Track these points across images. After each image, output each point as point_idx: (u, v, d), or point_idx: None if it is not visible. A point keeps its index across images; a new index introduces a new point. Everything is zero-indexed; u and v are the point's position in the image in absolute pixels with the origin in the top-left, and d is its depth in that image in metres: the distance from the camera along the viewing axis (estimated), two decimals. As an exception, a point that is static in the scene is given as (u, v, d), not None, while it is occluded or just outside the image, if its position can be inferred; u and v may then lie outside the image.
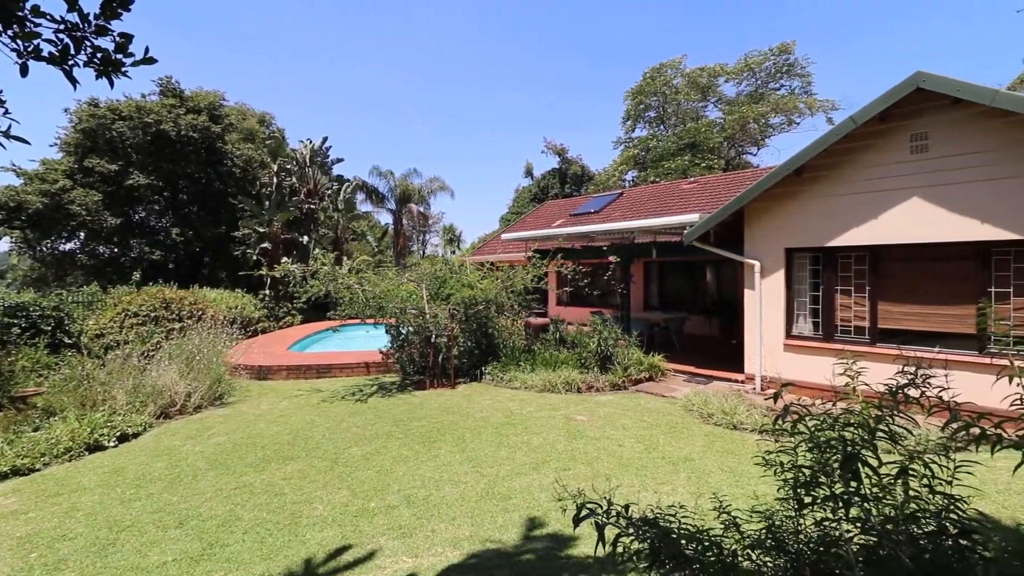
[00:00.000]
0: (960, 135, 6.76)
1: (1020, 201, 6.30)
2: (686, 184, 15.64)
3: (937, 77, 6.62)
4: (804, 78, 27.79)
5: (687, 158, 25.16)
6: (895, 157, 7.29)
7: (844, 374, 2.58)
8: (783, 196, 8.30)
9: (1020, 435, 1.90)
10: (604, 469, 5.26)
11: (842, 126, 7.53)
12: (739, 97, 29.08)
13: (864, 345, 7.35)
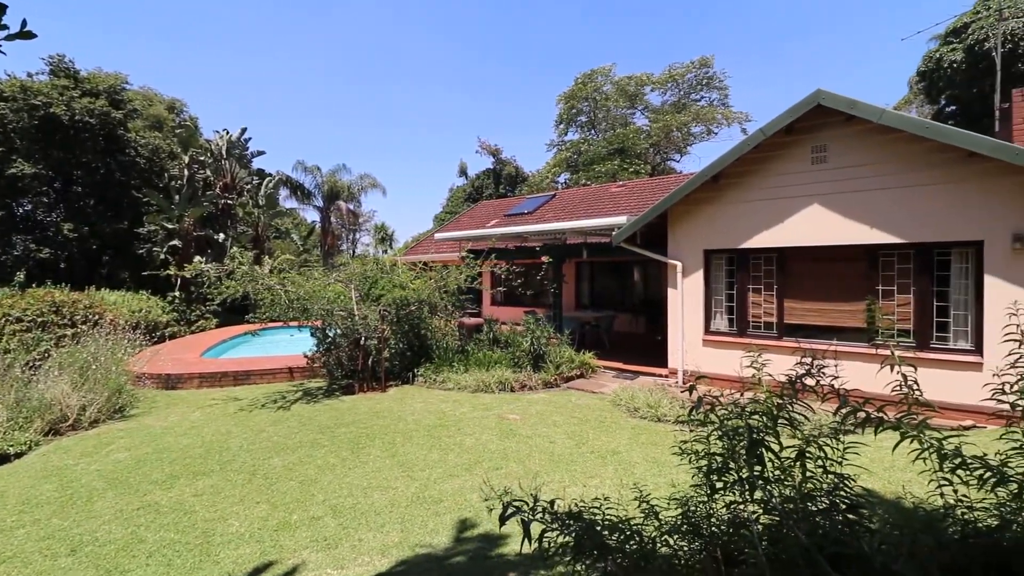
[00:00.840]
0: (853, 148, 7.50)
1: (902, 209, 7.09)
2: (615, 187, 16.23)
3: (834, 95, 7.31)
4: (722, 91, 29.81)
5: (616, 162, 26.15)
6: (798, 167, 7.96)
7: (751, 366, 2.77)
8: (702, 201, 8.81)
9: (898, 417, 2.13)
10: (536, 466, 5.32)
11: (753, 137, 8.11)
12: (664, 106, 30.66)
13: (772, 339, 7.97)
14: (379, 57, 74.89)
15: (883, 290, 7.28)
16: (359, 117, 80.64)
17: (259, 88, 74.46)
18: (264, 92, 74.80)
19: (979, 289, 6.64)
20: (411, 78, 76.09)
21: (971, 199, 6.68)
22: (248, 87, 73.87)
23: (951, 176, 6.80)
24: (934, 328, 6.93)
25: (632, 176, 24.85)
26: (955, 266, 6.90)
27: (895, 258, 7.25)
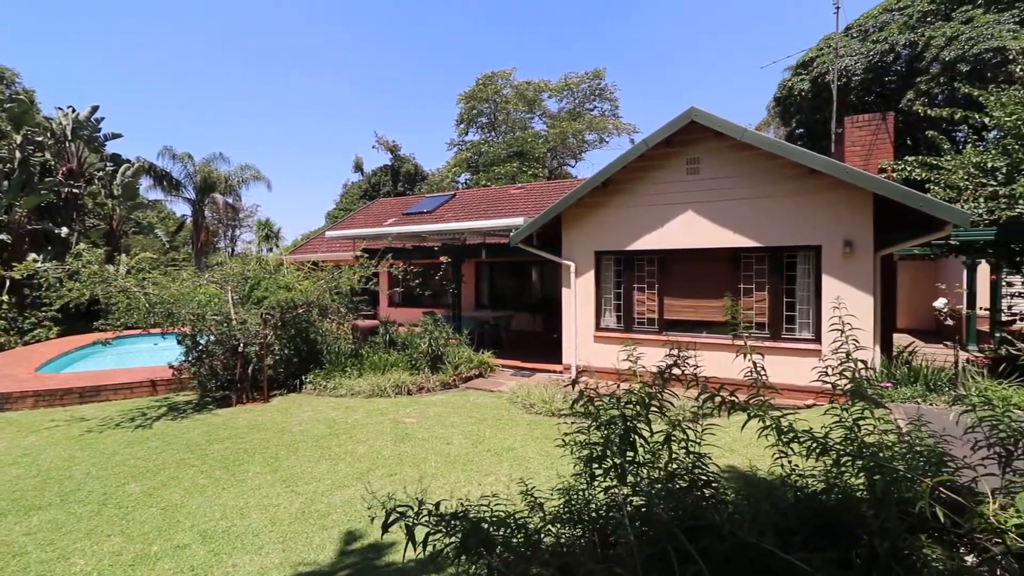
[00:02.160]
0: (721, 161, 8.36)
1: (760, 216, 8.03)
2: (514, 189, 16.57)
3: (705, 113, 8.09)
4: (612, 102, 31.79)
5: (515, 165, 26.76)
6: (676, 176, 8.70)
7: (627, 359, 2.97)
8: (593, 205, 9.29)
9: (748, 399, 2.39)
10: (432, 469, 5.24)
11: (637, 148, 8.73)
12: (560, 113, 31.98)
13: (654, 334, 8.64)
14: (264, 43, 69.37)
15: (744, 288, 8.21)
16: (241, 105, 74.01)
17: (120, 63, 65.31)
18: (125, 68, 65.76)
19: (818, 286, 7.73)
20: (302, 68, 71.47)
21: (813, 209, 7.76)
22: (109, 64, 64.46)
23: (798, 189, 7.85)
24: (783, 321, 7.95)
25: (531, 179, 25.60)
26: (800, 267, 7.98)
27: (753, 260, 8.21)
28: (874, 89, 22.61)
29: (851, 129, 11.04)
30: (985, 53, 18.16)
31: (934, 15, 21.27)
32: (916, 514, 1.71)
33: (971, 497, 1.83)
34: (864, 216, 7.49)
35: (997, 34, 18.18)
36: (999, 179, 7.63)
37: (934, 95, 19.55)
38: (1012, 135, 7.77)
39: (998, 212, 7.27)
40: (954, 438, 2.23)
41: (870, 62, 22.17)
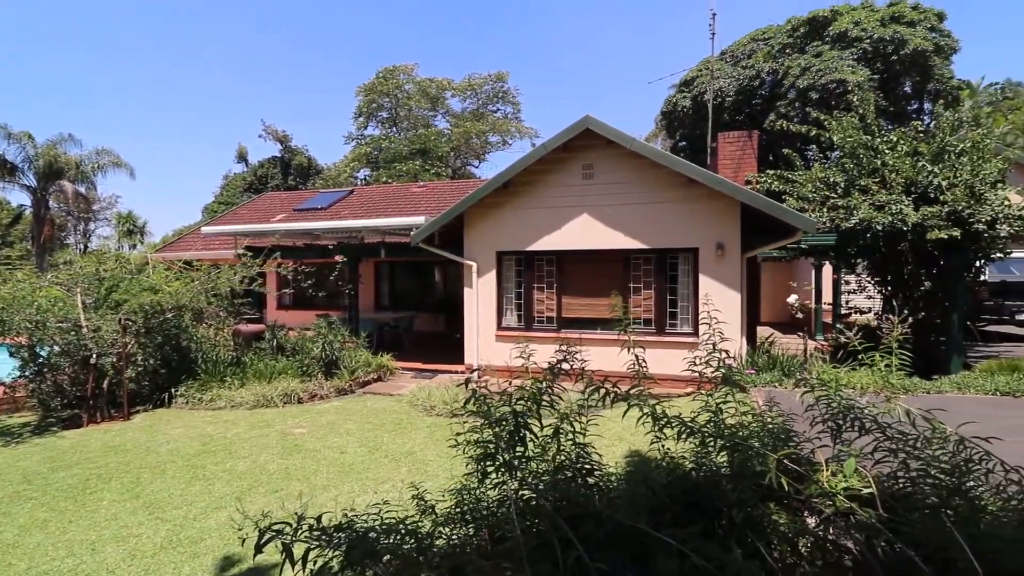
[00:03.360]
0: (613, 168, 8.85)
1: (647, 220, 8.62)
2: (416, 187, 16.24)
3: (598, 122, 8.52)
4: (515, 105, 32.43)
5: (418, 163, 26.26)
6: (573, 180, 9.07)
7: (520, 356, 3.01)
8: (495, 206, 9.38)
9: (629, 390, 2.53)
10: (323, 481, 4.94)
11: (537, 151, 8.97)
12: (464, 113, 31.96)
13: (552, 332, 8.93)
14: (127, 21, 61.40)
15: (633, 287, 8.78)
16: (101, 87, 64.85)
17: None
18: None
19: (696, 285, 8.48)
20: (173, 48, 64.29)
21: (692, 215, 8.49)
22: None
23: (680, 196, 8.54)
24: (667, 317, 8.62)
25: (433, 178, 25.27)
26: (681, 267, 8.69)
27: (642, 261, 8.80)
28: (744, 109, 25.42)
29: (723, 144, 12.30)
30: (830, 83, 21.21)
31: (791, 48, 24.41)
32: (766, 485, 1.91)
33: (810, 467, 2.08)
34: (733, 222, 8.35)
35: (839, 68, 21.32)
36: (839, 192, 8.92)
37: (791, 117, 22.37)
38: (848, 155, 9.13)
39: (838, 221, 8.49)
40: (798, 416, 2.54)
41: (740, 85, 24.88)
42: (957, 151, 8.10)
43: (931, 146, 8.31)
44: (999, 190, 7.97)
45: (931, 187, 7.88)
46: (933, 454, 2.25)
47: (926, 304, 8.75)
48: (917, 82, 22.84)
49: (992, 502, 2.19)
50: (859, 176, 8.66)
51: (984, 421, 5.80)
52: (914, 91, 23.39)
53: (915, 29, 22.02)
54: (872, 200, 8.09)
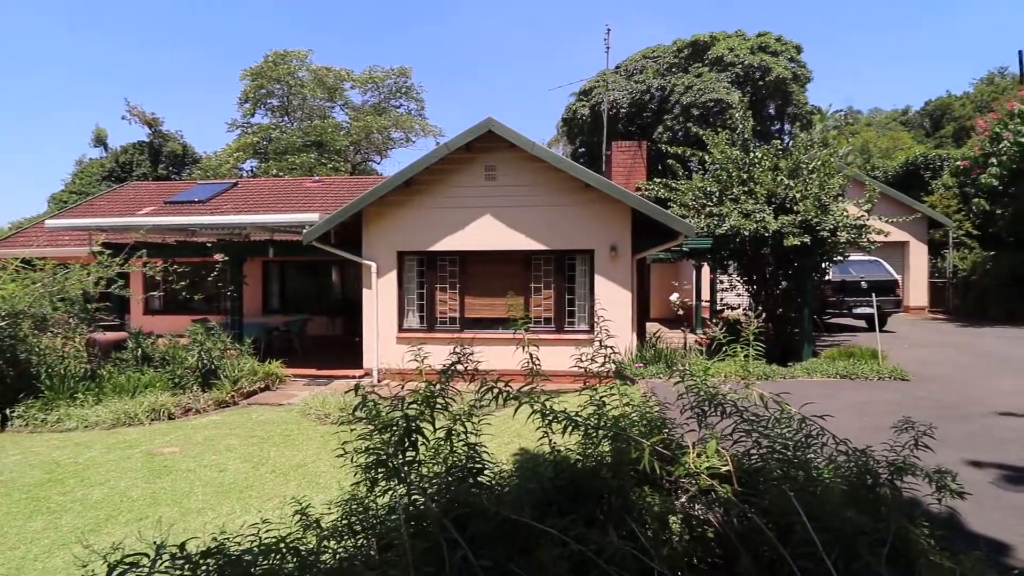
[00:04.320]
0: (515, 171, 9.02)
1: (547, 222, 8.89)
2: (311, 182, 15.32)
3: (500, 125, 8.63)
4: (419, 103, 31.82)
5: (313, 156, 24.76)
6: (476, 181, 9.10)
7: (415, 360, 2.96)
8: (396, 204, 9.13)
9: (522, 387, 2.59)
10: (198, 503, 4.47)
11: (439, 150, 8.88)
12: (364, 106, 30.68)
13: (455, 332, 8.88)
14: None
15: (534, 287, 9.03)
16: (-95, 38, 53.67)
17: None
18: None
19: (592, 285, 8.91)
20: (14, 3, 54.90)
21: (588, 218, 8.91)
22: None
23: (577, 200, 8.92)
24: (566, 315, 8.97)
25: (331, 172, 23.96)
26: (579, 268, 9.10)
27: (542, 261, 9.07)
28: (636, 120, 27.25)
29: (616, 153, 13.10)
30: (709, 102, 23.44)
31: (677, 67, 26.62)
32: (642, 470, 2.05)
33: (679, 450, 2.27)
34: (625, 226, 8.91)
35: (717, 89, 23.63)
36: (714, 201, 9.88)
37: (676, 130, 24.42)
38: (721, 168, 10.13)
39: (712, 226, 9.39)
40: (673, 405, 2.77)
41: (633, 98, 26.65)
42: (809, 168, 9.34)
43: (788, 163, 9.49)
44: (840, 202, 9.32)
45: (788, 199, 9.01)
46: (781, 432, 2.56)
47: (784, 300, 9.98)
48: (779, 106, 26.07)
49: (826, 470, 2.55)
50: (730, 187, 9.65)
51: (827, 400, 6.75)
52: (777, 113, 26.66)
53: (778, 59, 25.10)
54: (741, 209, 9.07)
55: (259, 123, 28.45)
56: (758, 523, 1.91)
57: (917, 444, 2.47)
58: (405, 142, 31.19)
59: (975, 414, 5.88)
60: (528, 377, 3.02)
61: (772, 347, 9.67)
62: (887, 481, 2.31)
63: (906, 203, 17.11)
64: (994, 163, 14.71)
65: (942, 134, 39.20)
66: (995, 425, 5.47)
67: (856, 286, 12.47)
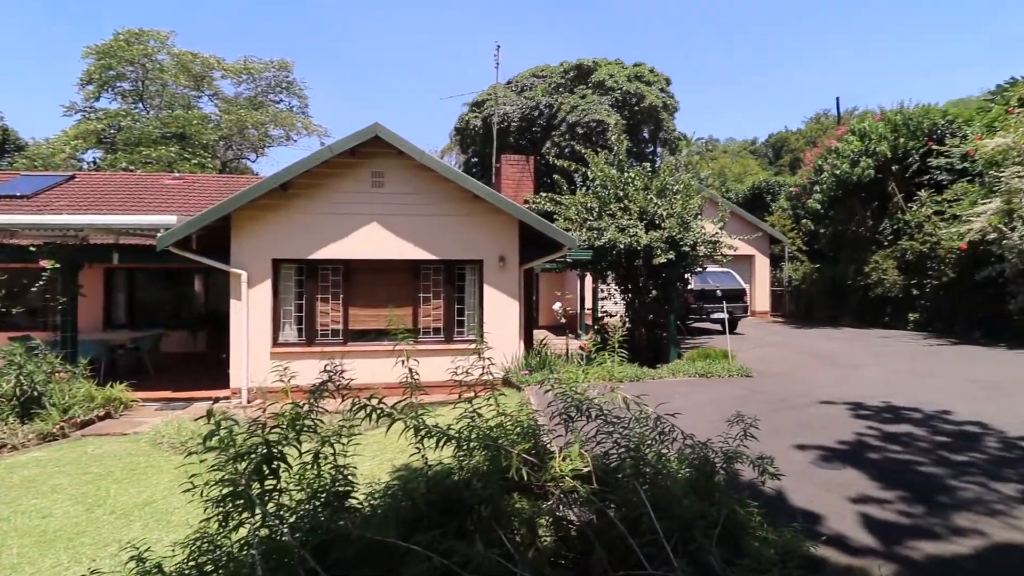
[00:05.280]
0: (404, 178, 8.86)
1: (436, 232, 8.85)
2: (170, 179, 13.64)
3: (388, 131, 8.43)
4: (302, 99, 29.88)
5: (174, 149, 22.05)
6: (362, 187, 8.78)
7: (280, 379, 2.77)
8: (271, 208, 8.48)
9: (398, 401, 2.54)
10: (10, 559, 3.74)
11: (320, 153, 8.44)
12: (238, 98, 28.08)
13: (339, 345, 8.46)
14: None
15: (423, 297, 8.92)
16: None
17: None
18: None
19: (481, 295, 9.03)
20: None
21: (477, 228, 9.02)
22: None
23: (467, 210, 8.99)
24: (455, 325, 8.98)
25: (196, 169, 21.50)
26: (468, 278, 9.17)
27: (431, 271, 9.00)
28: (526, 135, 28.25)
29: (506, 166, 13.47)
30: (592, 122, 25.04)
31: (564, 87, 28.12)
32: (511, 478, 2.12)
33: (548, 455, 2.39)
34: (513, 237, 9.18)
35: (599, 110, 25.35)
36: (594, 215, 10.56)
37: (563, 146, 25.71)
38: (601, 185, 10.87)
39: (592, 239, 10.03)
40: (545, 411, 2.90)
41: (523, 113, 27.61)
42: (674, 190, 10.38)
43: (657, 183, 10.47)
44: (699, 220, 10.47)
45: (656, 216, 9.93)
46: (638, 431, 2.81)
47: (655, 308, 10.95)
48: (652, 130, 28.68)
49: (675, 462, 2.84)
50: (608, 203, 10.40)
51: (686, 397, 7.47)
52: (651, 137, 29.29)
53: (651, 88, 27.64)
54: (617, 224, 9.81)
55: (105, 108, 24.56)
56: (611, 518, 2.08)
57: (746, 435, 2.85)
58: (285, 140, 29.06)
59: (802, 404, 6.92)
60: (406, 391, 2.99)
61: (646, 350, 10.57)
62: (722, 469, 2.64)
63: (752, 222, 19.77)
64: (818, 190, 17.59)
65: (781, 163, 45.96)
66: (817, 413, 6.48)
67: (713, 294, 14.09)
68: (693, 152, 40.97)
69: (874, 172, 15.89)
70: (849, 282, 16.80)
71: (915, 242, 14.80)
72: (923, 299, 14.63)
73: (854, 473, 4.46)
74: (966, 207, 12.82)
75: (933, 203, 14.63)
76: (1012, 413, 6.05)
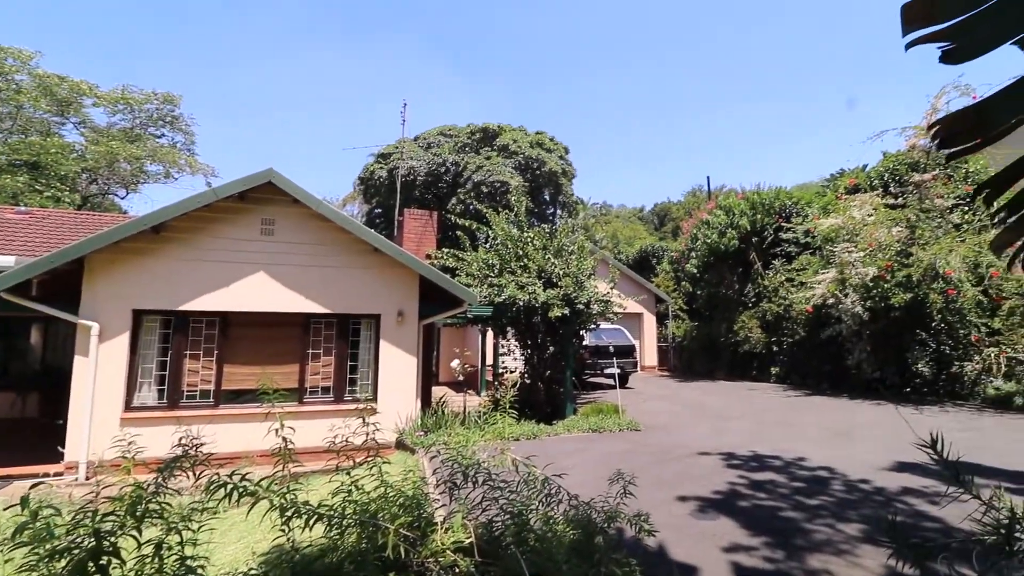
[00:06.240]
0: (298, 227, 8.47)
1: (331, 284, 8.47)
2: (11, 213, 11.78)
3: (283, 178, 8.10)
4: (188, 136, 27.87)
5: (23, 179, 19.21)
6: (250, 235, 8.24)
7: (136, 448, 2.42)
8: (138, 252, 7.62)
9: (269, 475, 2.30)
10: None
11: (204, 196, 7.85)
12: (111, 129, 25.47)
13: (209, 408, 7.56)
14: None
15: (312, 353, 8.37)
16: None
17: None
18: None
19: (378, 351, 8.69)
20: None
21: (375, 282, 8.80)
22: None
23: (365, 263, 8.77)
24: (347, 383, 8.48)
25: (49, 203, 18.79)
26: (363, 332, 8.81)
27: (323, 326, 8.53)
28: (432, 189, 28.71)
29: (409, 220, 13.48)
30: (497, 182, 26.13)
31: (470, 147, 29.29)
32: (387, 556, 1.99)
33: (430, 527, 2.28)
34: (413, 291, 9.07)
35: (503, 172, 26.59)
36: (495, 272, 10.82)
37: (468, 204, 26.40)
38: (502, 243, 11.25)
39: (493, 296, 10.23)
40: (430, 477, 2.80)
41: (431, 168, 28.15)
42: (570, 250, 11.02)
43: (555, 244, 11.07)
44: (592, 280, 11.15)
45: (554, 275, 10.42)
46: (527, 494, 2.80)
47: (552, 363, 11.26)
48: (552, 193, 30.59)
49: (561, 524, 2.84)
50: (509, 261, 10.76)
51: (579, 453, 7.62)
52: (551, 199, 31.17)
53: (551, 155, 29.73)
54: (517, 281, 10.13)
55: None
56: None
57: (626, 492, 2.95)
58: (165, 177, 26.62)
59: (683, 455, 7.37)
60: (280, 461, 2.75)
61: (544, 405, 10.74)
62: (601, 529, 2.69)
63: (640, 282, 21.48)
64: (694, 256, 19.69)
65: (665, 229, 50.96)
66: (696, 464, 6.93)
67: (606, 350, 14.85)
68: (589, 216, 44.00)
69: (738, 242, 18.22)
70: (722, 339, 18.67)
71: (773, 304, 16.97)
72: (782, 355, 16.63)
73: (727, 522, 4.78)
74: (810, 275, 15.08)
75: (785, 271, 17.01)
76: (852, 457, 6.94)
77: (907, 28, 1.08)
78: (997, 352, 11.21)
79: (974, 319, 11.84)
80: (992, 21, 1.04)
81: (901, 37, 1.09)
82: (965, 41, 1.05)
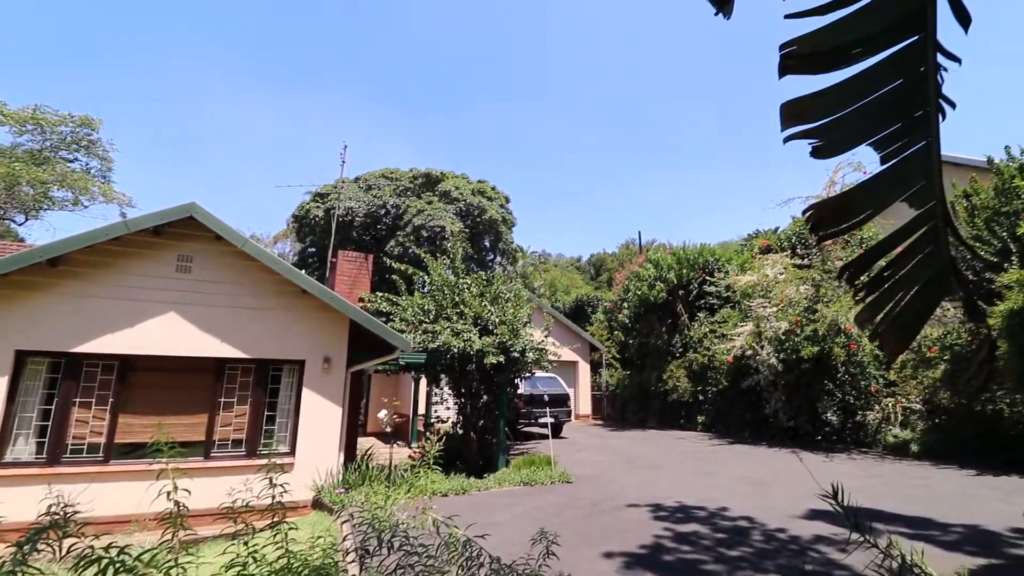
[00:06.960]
0: (218, 265, 7.99)
1: (251, 327, 7.97)
2: None
3: (206, 213, 7.69)
4: (106, 161, 26.02)
5: None
6: (162, 271, 7.67)
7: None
8: (27, 286, 6.86)
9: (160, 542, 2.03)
10: None
11: (114, 228, 7.29)
12: (15, 149, 23.36)
13: (97, 464, 6.70)
14: None
15: (225, 402, 7.72)
16: None
17: None
18: None
19: (299, 400, 8.16)
20: None
21: (301, 326, 8.37)
22: None
23: (290, 305, 8.36)
24: (262, 435, 7.85)
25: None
26: (285, 380, 8.27)
27: (239, 372, 7.94)
28: (370, 231, 28.29)
29: (342, 262, 13.12)
30: (437, 227, 26.20)
31: (412, 192, 29.36)
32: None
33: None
34: (342, 337, 8.70)
35: (444, 217, 26.75)
36: (430, 318, 10.66)
37: (407, 247, 26.20)
38: (438, 289, 11.16)
39: (427, 342, 10.02)
40: (336, 548, 2.58)
41: (370, 210, 27.84)
42: (506, 298, 11.10)
43: (491, 291, 11.12)
44: (528, 328, 11.23)
45: (490, 322, 10.41)
46: (446, 558, 2.65)
47: (486, 413, 11.06)
48: (493, 240, 31.04)
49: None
50: (445, 307, 10.65)
51: (508, 508, 7.38)
52: (491, 246, 31.58)
53: (492, 203, 30.36)
54: (452, 328, 10.01)
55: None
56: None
57: (549, 553, 2.87)
58: (73, 205, 24.51)
59: (612, 508, 7.34)
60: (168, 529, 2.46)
61: (476, 456, 10.43)
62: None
63: (576, 331, 21.91)
64: (626, 306, 20.45)
65: (600, 279, 52.86)
66: (624, 517, 6.90)
67: (541, 399, 14.83)
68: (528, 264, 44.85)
69: (666, 295, 19.18)
70: (652, 388, 19.23)
71: (698, 355, 17.80)
72: (707, 403, 17.32)
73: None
74: (730, 328, 16.05)
75: (709, 323, 18.01)
76: (771, 507, 7.20)
77: (785, 124, 1.21)
78: (893, 402, 12.29)
79: (873, 371, 12.98)
80: (852, 125, 1.19)
81: (780, 132, 1.22)
82: (831, 139, 1.18)
